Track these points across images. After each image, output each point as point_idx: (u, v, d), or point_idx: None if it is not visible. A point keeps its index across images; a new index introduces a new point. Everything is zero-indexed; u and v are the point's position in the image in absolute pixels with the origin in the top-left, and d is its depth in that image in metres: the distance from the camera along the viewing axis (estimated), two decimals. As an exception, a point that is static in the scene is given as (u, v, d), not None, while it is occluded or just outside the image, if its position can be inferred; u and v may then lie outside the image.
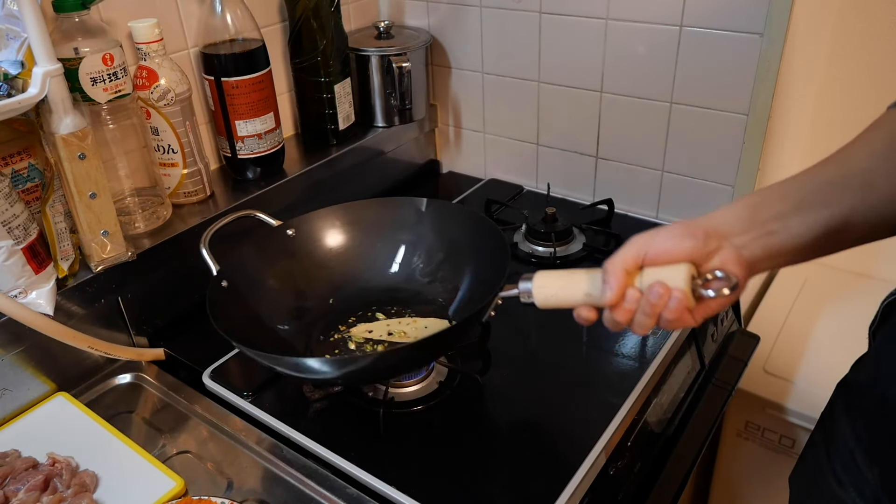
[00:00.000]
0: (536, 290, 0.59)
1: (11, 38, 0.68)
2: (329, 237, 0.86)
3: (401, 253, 0.86)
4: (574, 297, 0.57)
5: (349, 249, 0.86)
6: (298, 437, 0.71)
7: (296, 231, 0.84)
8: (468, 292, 0.80)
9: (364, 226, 0.87)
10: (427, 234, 0.85)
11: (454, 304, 0.82)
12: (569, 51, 1.05)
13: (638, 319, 0.54)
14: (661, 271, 0.53)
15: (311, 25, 1.00)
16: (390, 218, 0.87)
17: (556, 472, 0.66)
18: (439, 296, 0.83)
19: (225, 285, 0.75)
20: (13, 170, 0.76)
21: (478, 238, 0.80)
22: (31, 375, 0.77)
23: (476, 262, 0.80)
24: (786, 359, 1.09)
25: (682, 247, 0.52)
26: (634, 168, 1.08)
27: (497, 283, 0.64)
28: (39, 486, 0.66)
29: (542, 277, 0.59)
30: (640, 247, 0.53)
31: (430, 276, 0.85)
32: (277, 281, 0.82)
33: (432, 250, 0.85)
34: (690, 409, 0.88)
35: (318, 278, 0.85)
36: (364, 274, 0.86)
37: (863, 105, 1.13)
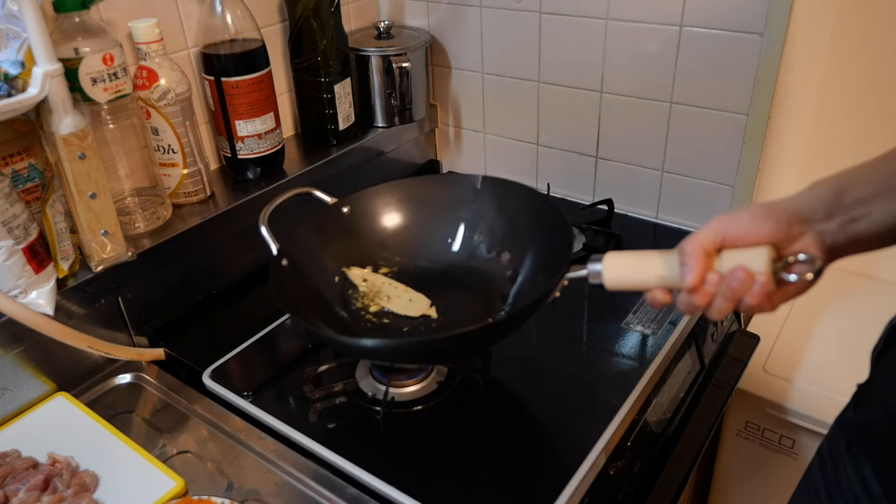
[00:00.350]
0: (607, 270, 0.57)
1: (11, 38, 0.68)
2: (385, 215, 0.84)
3: (461, 231, 0.84)
4: (647, 279, 0.55)
5: (408, 227, 0.84)
6: (298, 437, 0.71)
7: (351, 209, 0.82)
8: (531, 273, 0.77)
9: (420, 203, 0.84)
10: (486, 211, 0.82)
11: (516, 285, 0.78)
12: (569, 51, 1.05)
13: (717, 304, 0.52)
14: (741, 254, 0.51)
15: (311, 25, 1.00)
16: (445, 195, 0.84)
17: (556, 472, 0.66)
18: (501, 275, 0.80)
19: (285, 264, 0.73)
20: (13, 170, 0.76)
21: (538, 217, 0.77)
22: (31, 375, 0.77)
23: (538, 242, 0.77)
24: (786, 359, 1.09)
25: (764, 230, 0.50)
26: (634, 168, 1.08)
27: (561, 265, 0.63)
28: (39, 485, 0.66)
29: (614, 258, 0.57)
30: (719, 227, 0.52)
31: (493, 253, 0.82)
32: (335, 260, 0.80)
33: (494, 228, 0.82)
34: (690, 409, 0.88)
35: (377, 256, 0.83)
36: (424, 252, 0.84)
37: (863, 105, 1.13)
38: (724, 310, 0.52)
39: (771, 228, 0.50)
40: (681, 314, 0.86)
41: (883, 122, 1.11)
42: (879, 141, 0.56)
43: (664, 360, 0.80)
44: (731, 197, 1.01)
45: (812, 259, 0.50)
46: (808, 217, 0.51)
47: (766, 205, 0.52)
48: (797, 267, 0.50)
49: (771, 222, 0.50)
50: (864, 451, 0.56)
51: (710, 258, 0.52)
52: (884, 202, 0.50)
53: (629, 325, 0.85)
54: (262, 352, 0.85)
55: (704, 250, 0.52)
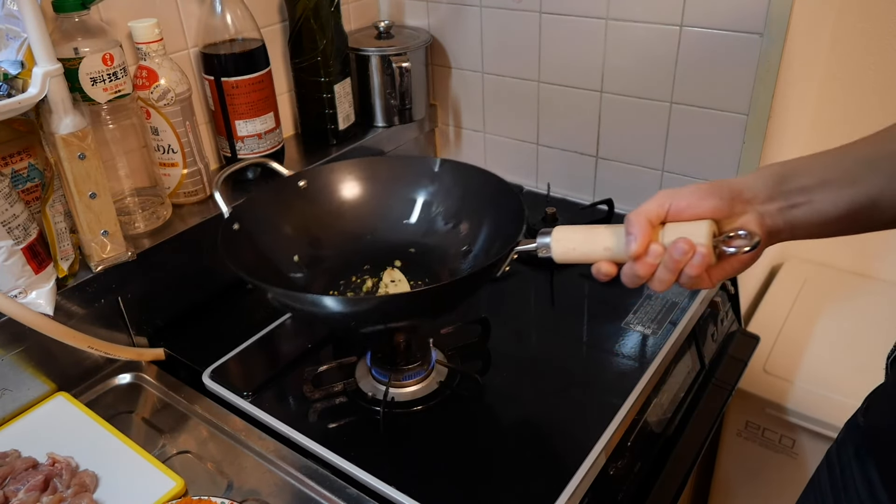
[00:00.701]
0: (555, 243, 0.59)
1: (11, 38, 0.68)
2: (343, 189, 0.84)
3: (419, 205, 0.84)
4: (594, 250, 0.57)
5: (365, 201, 0.85)
6: (298, 437, 0.71)
7: (307, 182, 0.82)
8: (485, 246, 0.78)
9: (379, 181, 0.85)
10: (443, 190, 0.83)
11: (469, 257, 0.79)
12: (569, 51, 1.05)
13: (659, 274, 0.53)
14: (683, 227, 0.53)
15: (311, 25, 1.00)
16: (405, 174, 0.85)
17: (556, 472, 0.66)
18: (455, 249, 0.81)
19: (237, 228, 0.73)
20: (13, 170, 0.76)
21: (493, 196, 0.78)
22: (31, 375, 0.77)
23: (493, 218, 0.78)
24: (786, 359, 1.09)
25: (706, 205, 0.52)
26: (634, 168, 1.08)
27: (513, 239, 0.64)
28: (39, 486, 0.66)
29: (562, 231, 0.59)
30: (664, 200, 0.53)
31: (449, 225, 0.83)
32: (291, 228, 0.80)
33: (449, 205, 0.83)
34: (690, 409, 0.88)
35: (333, 227, 0.83)
36: (381, 224, 0.84)
37: (863, 104, 1.13)
38: (666, 281, 0.53)
39: (713, 204, 0.52)
40: (681, 314, 0.86)
41: (883, 121, 1.10)
42: (879, 141, 0.56)
43: (664, 360, 0.80)
44: (731, 197, 1.01)
45: (750, 234, 0.52)
46: (749, 198, 0.53)
47: (712, 183, 0.54)
48: (736, 241, 0.52)
49: (714, 199, 0.52)
50: (873, 457, 0.56)
51: (654, 229, 0.54)
52: (828, 192, 0.51)
53: (629, 325, 0.85)
54: (262, 352, 0.85)
55: (649, 220, 0.53)
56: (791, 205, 0.52)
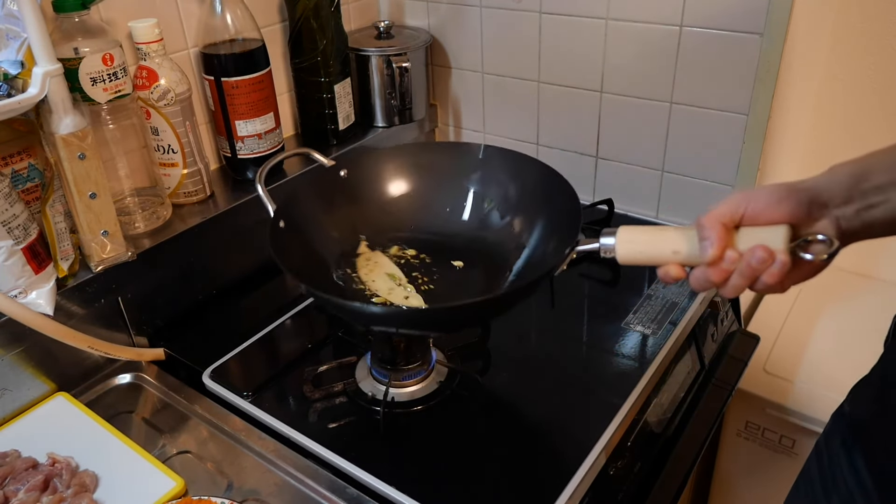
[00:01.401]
0: (621, 244, 0.57)
1: (11, 38, 0.68)
2: (386, 181, 0.82)
3: (470, 198, 0.81)
4: (662, 253, 0.55)
5: (411, 194, 0.82)
6: (298, 437, 0.71)
7: (348, 172, 0.79)
8: (541, 241, 0.75)
9: (422, 169, 0.82)
10: (492, 178, 0.80)
11: (523, 257, 0.76)
12: (569, 51, 1.05)
13: (733, 281, 0.52)
14: (759, 232, 0.51)
15: (311, 25, 1.00)
16: (449, 162, 0.82)
17: (556, 472, 0.66)
18: (511, 245, 0.77)
19: (282, 226, 0.71)
20: (13, 170, 0.76)
21: (545, 185, 0.75)
22: (31, 375, 0.77)
23: (548, 210, 0.75)
24: (786, 359, 1.09)
25: (784, 209, 0.50)
26: (634, 168, 1.08)
27: (572, 236, 0.62)
28: (39, 486, 0.66)
29: (628, 232, 0.57)
30: (740, 203, 0.51)
31: (506, 219, 0.79)
32: (336, 223, 0.78)
33: (504, 193, 0.80)
34: (690, 409, 0.88)
35: (382, 225, 0.81)
36: (432, 220, 0.81)
37: (863, 104, 1.13)
38: (740, 287, 0.52)
39: (791, 209, 0.50)
40: (681, 314, 0.86)
41: (883, 121, 1.11)
42: (879, 141, 0.56)
43: (664, 360, 0.80)
44: (731, 197, 1.01)
45: (830, 240, 0.50)
46: (826, 201, 0.51)
47: (787, 185, 0.51)
48: (815, 247, 0.50)
49: (791, 203, 0.50)
50: (859, 445, 0.56)
51: (729, 233, 0.52)
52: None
53: (629, 325, 0.85)
54: (262, 352, 0.85)
55: (724, 224, 0.51)
56: (868, 205, 0.50)
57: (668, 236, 0.55)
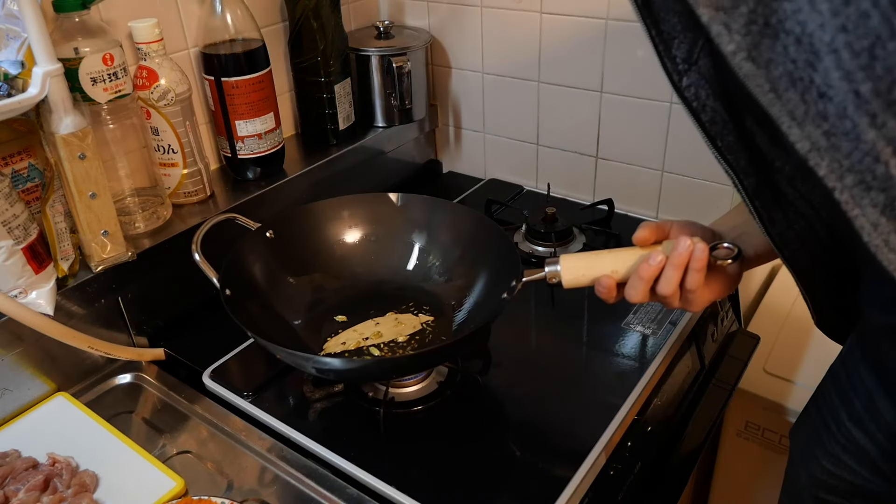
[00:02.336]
0: (566, 271, 0.64)
1: (11, 38, 0.68)
2: (315, 235, 0.87)
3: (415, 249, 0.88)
4: (602, 273, 0.63)
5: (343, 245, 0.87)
6: (298, 437, 0.71)
7: (273, 232, 0.83)
8: (485, 288, 0.80)
9: (349, 222, 0.88)
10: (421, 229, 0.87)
11: (471, 294, 0.82)
12: (569, 51, 1.05)
13: (666, 273, 0.59)
14: None
15: (311, 25, 1.00)
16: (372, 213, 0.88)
17: (556, 472, 0.66)
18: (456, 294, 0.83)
19: (229, 294, 0.73)
20: (13, 170, 0.76)
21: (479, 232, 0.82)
22: (31, 375, 0.77)
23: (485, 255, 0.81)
24: (786, 359, 1.09)
25: (695, 230, 0.63)
26: (634, 168, 1.08)
27: (515, 272, 0.68)
28: (39, 486, 0.66)
29: (569, 259, 0.64)
30: (664, 223, 0.63)
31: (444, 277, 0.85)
32: (288, 278, 0.83)
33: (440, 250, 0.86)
34: (690, 409, 0.87)
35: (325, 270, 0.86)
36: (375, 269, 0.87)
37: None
38: (673, 279, 0.59)
39: (697, 231, 0.63)
40: (681, 314, 0.86)
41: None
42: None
43: (664, 360, 0.81)
44: (732, 197, 1.01)
45: (733, 247, 0.59)
46: (719, 234, 0.64)
47: (690, 220, 0.64)
48: (722, 251, 0.59)
49: (697, 228, 0.63)
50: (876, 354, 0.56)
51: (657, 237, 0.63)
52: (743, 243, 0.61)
53: (629, 325, 0.85)
54: (262, 352, 0.85)
55: (651, 229, 0.63)
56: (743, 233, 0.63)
57: (606, 258, 0.63)
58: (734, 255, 0.59)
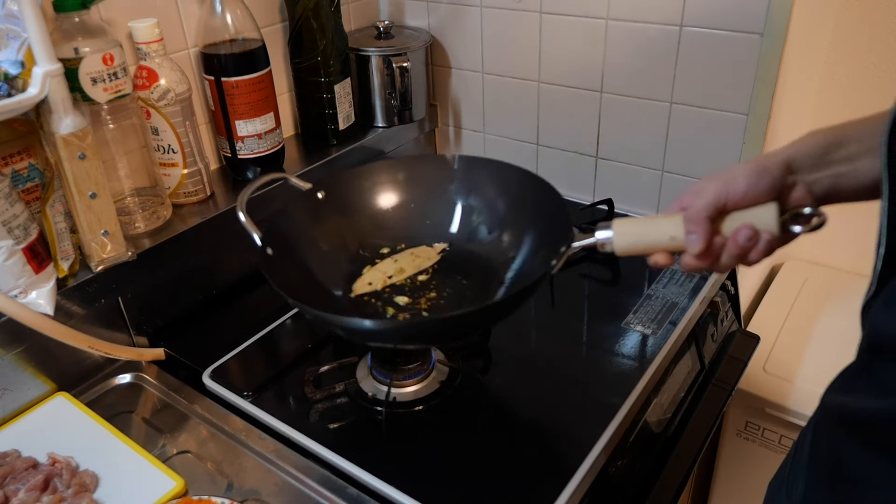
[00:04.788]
0: (619, 236, 0.59)
1: (11, 37, 0.68)
2: (370, 197, 0.83)
3: (458, 209, 0.83)
4: (660, 240, 0.57)
5: (397, 208, 0.83)
6: (299, 437, 0.71)
7: (326, 193, 0.80)
8: (532, 250, 0.76)
9: (403, 185, 0.83)
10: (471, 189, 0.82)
11: (514, 267, 0.77)
12: (569, 51, 1.05)
13: (724, 261, 0.55)
14: (749, 213, 0.53)
15: (311, 25, 1.00)
16: (427, 174, 0.83)
17: (556, 472, 0.66)
18: (502, 258, 0.78)
19: (271, 253, 0.71)
20: (13, 170, 0.76)
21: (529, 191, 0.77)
22: (31, 375, 0.77)
23: (536, 218, 0.76)
24: (786, 359, 1.09)
25: (762, 186, 0.52)
26: (634, 168, 1.08)
27: (566, 238, 0.63)
28: (39, 486, 0.66)
29: (623, 224, 0.59)
30: (720, 192, 0.53)
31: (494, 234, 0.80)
32: (325, 243, 0.79)
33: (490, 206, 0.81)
34: (690, 409, 0.88)
35: (367, 237, 0.82)
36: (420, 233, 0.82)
37: (863, 105, 1.13)
38: (730, 266, 0.55)
39: (768, 184, 0.52)
40: (681, 314, 0.86)
41: (883, 122, 1.11)
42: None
43: (664, 360, 0.80)
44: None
45: (815, 212, 0.52)
46: (796, 168, 0.53)
47: (759, 162, 0.53)
48: (803, 220, 0.53)
49: (766, 179, 0.52)
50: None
51: (716, 223, 0.54)
52: (870, 160, 0.50)
53: (629, 325, 0.85)
54: (262, 352, 0.85)
55: (709, 217, 0.54)
56: (836, 174, 0.52)
57: (662, 224, 0.57)
58: (819, 223, 0.52)
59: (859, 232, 1.24)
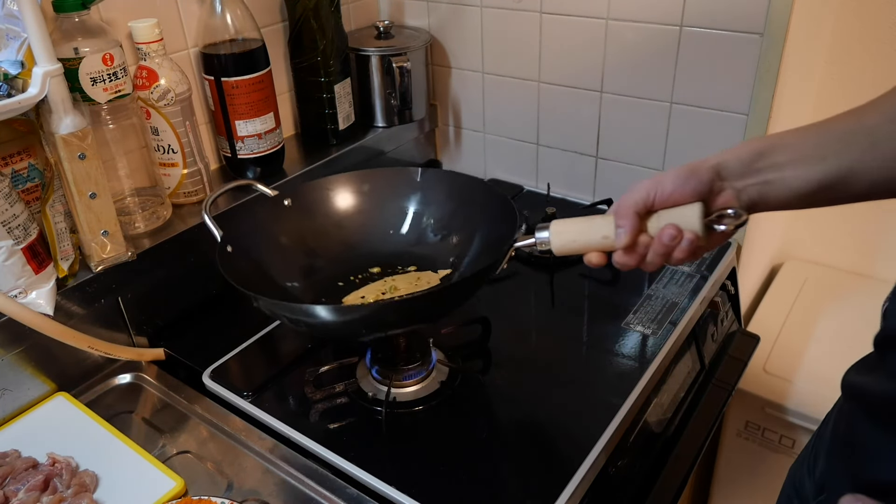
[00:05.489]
0: (555, 235, 0.60)
1: (11, 38, 0.68)
2: (330, 204, 0.86)
3: (410, 214, 0.86)
4: (593, 240, 0.59)
5: (355, 213, 0.86)
6: (299, 437, 0.71)
7: (291, 200, 0.83)
8: (480, 249, 0.79)
9: (365, 194, 0.87)
10: (432, 198, 0.85)
11: (466, 258, 0.80)
12: (569, 51, 1.05)
13: (650, 259, 0.57)
14: (674, 212, 0.55)
15: (311, 25, 1.00)
16: (390, 186, 0.87)
17: (556, 472, 0.66)
18: (450, 255, 0.82)
19: (230, 250, 0.74)
20: (13, 170, 0.76)
21: (481, 199, 0.80)
22: (31, 375, 0.77)
23: (485, 224, 0.79)
24: (786, 359, 1.09)
25: (688, 188, 0.54)
26: (634, 168, 1.08)
27: (508, 238, 0.65)
28: (39, 486, 0.66)
29: (560, 224, 0.61)
30: (649, 190, 0.55)
31: (439, 236, 0.84)
32: (284, 243, 0.82)
33: (441, 213, 0.84)
34: (690, 409, 0.88)
35: (325, 241, 0.85)
36: (372, 236, 0.86)
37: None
38: (657, 264, 0.57)
39: (694, 187, 0.54)
40: (681, 314, 0.86)
41: (883, 122, 1.11)
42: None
43: (664, 360, 0.80)
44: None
45: (738, 213, 0.54)
46: (726, 175, 0.55)
47: (690, 166, 0.56)
48: (726, 220, 0.54)
49: (693, 181, 0.54)
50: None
51: (642, 219, 0.56)
52: (796, 169, 0.53)
53: (629, 325, 0.85)
54: (262, 352, 0.85)
55: (637, 212, 0.56)
56: (763, 181, 0.54)
57: (596, 224, 0.59)
58: (740, 223, 0.54)
59: (859, 232, 1.24)
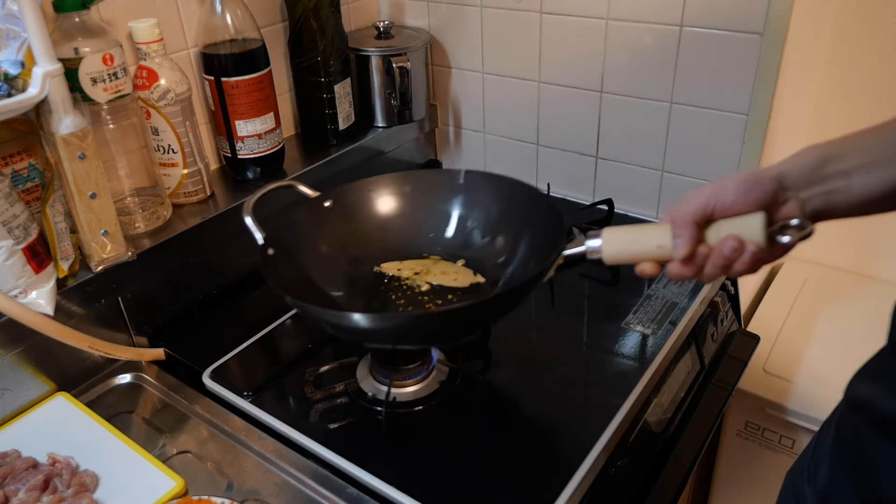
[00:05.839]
0: (607, 245, 0.58)
1: (11, 38, 0.68)
2: (372, 207, 0.84)
3: (454, 217, 0.84)
4: (647, 250, 0.56)
5: (398, 217, 0.85)
6: (299, 437, 0.71)
7: (333, 202, 0.82)
8: (525, 257, 0.77)
9: (407, 196, 0.85)
10: (476, 200, 0.83)
11: (508, 269, 0.78)
12: (569, 51, 1.05)
13: (708, 271, 0.54)
14: (735, 222, 0.53)
15: (311, 25, 1.00)
16: (431, 188, 0.85)
17: (556, 472, 0.66)
18: (494, 262, 0.80)
19: (271, 253, 0.72)
20: (13, 170, 0.76)
21: (525, 204, 0.79)
22: (31, 375, 0.77)
23: (531, 227, 0.77)
24: (786, 359, 1.09)
25: (750, 199, 0.52)
26: (634, 168, 1.08)
27: (556, 246, 0.63)
28: (39, 486, 0.66)
29: (612, 232, 0.59)
30: (708, 199, 0.53)
31: (487, 238, 0.82)
32: (326, 247, 0.80)
33: (487, 215, 0.83)
34: (690, 409, 0.88)
35: (368, 245, 0.83)
36: (417, 240, 0.84)
37: (862, 104, 1.13)
38: (715, 276, 0.54)
39: (757, 197, 0.52)
40: (681, 314, 0.86)
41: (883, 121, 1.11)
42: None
43: (664, 360, 0.80)
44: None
45: (803, 224, 0.52)
46: (790, 185, 0.53)
47: (752, 174, 0.53)
48: (790, 231, 0.52)
49: (757, 191, 0.52)
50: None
51: (700, 229, 0.54)
52: (863, 176, 0.51)
53: (629, 325, 0.85)
54: (262, 352, 0.85)
55: (695, 222, 0.54)
56: (829, 190, 0.52)
57: (651, 233, 0.56)
58: (805, 234, 0.52)
59: (859, 232, 1.24)
